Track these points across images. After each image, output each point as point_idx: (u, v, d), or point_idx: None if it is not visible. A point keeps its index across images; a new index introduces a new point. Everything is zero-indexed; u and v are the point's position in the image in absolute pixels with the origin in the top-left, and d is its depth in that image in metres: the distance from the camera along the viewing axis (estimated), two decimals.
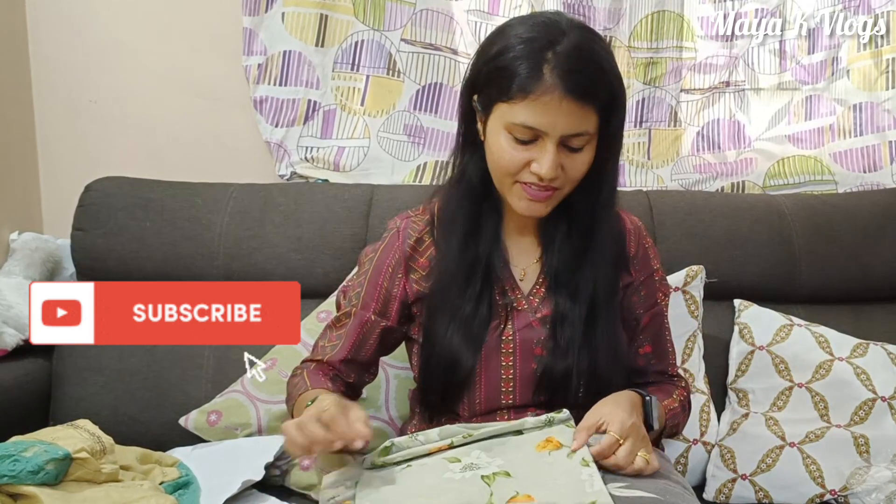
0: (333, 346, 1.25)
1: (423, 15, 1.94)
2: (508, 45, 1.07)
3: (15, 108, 1.88)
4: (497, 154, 1.10)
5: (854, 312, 1.76)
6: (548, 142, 1.06)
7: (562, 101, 1.03)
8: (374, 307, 1.23)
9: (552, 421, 1.06)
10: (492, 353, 1.16)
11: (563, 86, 1.02)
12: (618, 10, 1.96)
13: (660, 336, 1.28)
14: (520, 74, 1.04)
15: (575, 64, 1.03)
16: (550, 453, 1.01)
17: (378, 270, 1.24)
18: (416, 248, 1.24)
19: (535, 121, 1.04)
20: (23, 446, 1.15)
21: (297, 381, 1.22)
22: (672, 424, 1.24)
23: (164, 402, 1.62)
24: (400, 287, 1.23)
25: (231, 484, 1.34)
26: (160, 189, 1.74)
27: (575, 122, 1.05)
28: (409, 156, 1.97)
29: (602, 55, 1.07)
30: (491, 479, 0.95)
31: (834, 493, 1.48)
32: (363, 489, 0.99)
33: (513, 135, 1.07)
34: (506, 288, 1.19)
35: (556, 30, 1.05)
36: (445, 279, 1.18)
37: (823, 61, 1.97)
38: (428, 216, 1.26)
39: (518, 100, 1.04)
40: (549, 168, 1.06)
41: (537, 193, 1.10)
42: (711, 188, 1.99)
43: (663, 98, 2.00)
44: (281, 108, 1.93)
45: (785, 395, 1.58)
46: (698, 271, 1.66)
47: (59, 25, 1.90)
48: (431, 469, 0.99)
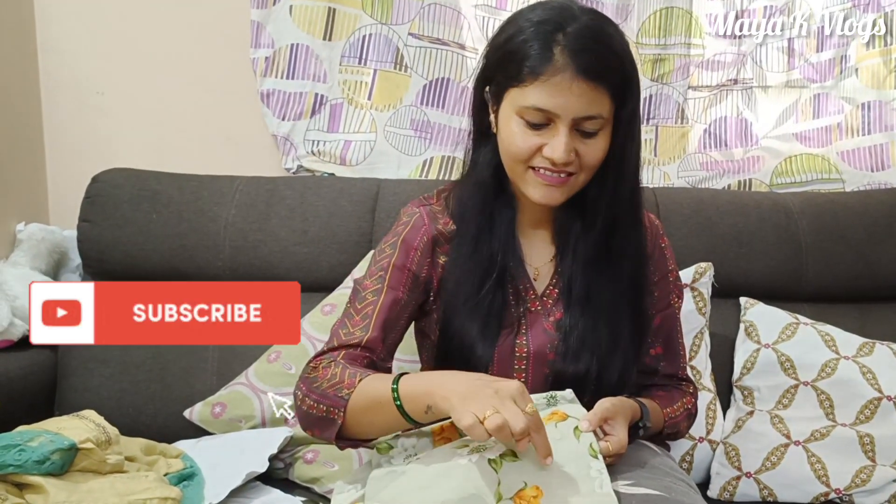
0: (364, 327, 1.12)
1: (431, 9, 1.94)
2: (518, 29, 1.06)
3: (22, 99, 1.88)
4: (509, 140, 1.08)
5: (860, 311, 1.75)
6: (560, 125, 1.04)
7: (573, 82, 1.01)
8: (403, 289, 1.16)
9: (554, 399, 1.04)
10: (505, 358, 1.14)
11: (575, 66, 1.01)
12: (626, 6, 1.95)
13: (671, 338, 1.26)
14: (530, 56, 1.03)
15: (586, 43, 1.02)
16: (557, 425, 0.99)
17: (405, 254, 1.17)
18: (443, 231, 1.18)
19: (547, 102, 1.03)
20: (29, 436, 1.16)
21: (339, 372, 1.06)
22: (671, 432, 1.24)
23: (169, 394, 1.62)
24: (428, 270, 1.17)
25: (235, 476, 1.34)
26: (166, 181, 1.74)
27: (587, 104, 1.03)
28: (416, 150, 1.97)
29: (614, 36, 1.06)
30: (498, 464, 0.94)
31: (839, 491, 1.48)
32: (371, 488, 0.99)
33: (525, 119, 1.05)
34: (520, 287, 1.17)
35: (567, 13, 1.05)
36: (460, 276, 1.15)
37: (832, 59, 1.97)
38: (443, 206, 1.21)
39: (529, 82, 1.03)
40: (562, 151, 1.04)
41: (552, 178, 1.07)
42: (718, 186, 1.98)
43: (670, 95, 2.00)
44: (288, 102, 1.93)
45: (790, 393, 1.58)
46: (707, 268, 1.65)
47: (67, 17, 1.90)
48: (438, 457, 0.98)
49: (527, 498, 0.92)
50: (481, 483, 0.91)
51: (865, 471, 1.47)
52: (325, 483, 1.45)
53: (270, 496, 1.38)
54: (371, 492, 0.97)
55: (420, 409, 0.96)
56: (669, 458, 1.21)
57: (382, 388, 0.99)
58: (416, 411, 0.97)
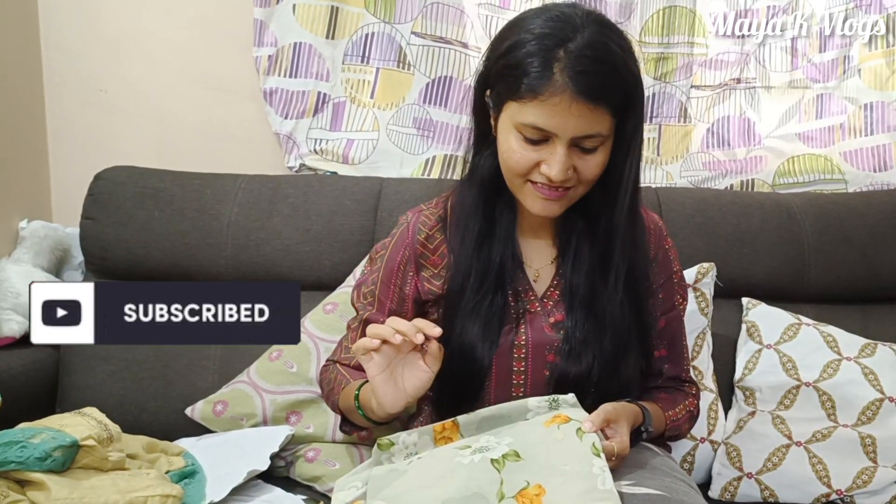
0: None
1: (434, 8, 1.94)
2: (520, 40, 1.03)
3: (26, 97, 1.88)
4: (507, 154, 1.07)
5: (862, 312, 1.75)
6: (558, 144, 1.03)
7: (572, 104, 1.00)
8: (390, 307, 1.21)
9: (556, 402, 1.04)
10: (504, 357, 1.14)
11: (574, 87, 0.99)
12: (629, 4, 1.95)
13: (675, 340, 1.26)
14: (529, 74, 1.01)
15: (586, 65, 0.99)
16: (559, 427, 0.99)
17: (390, 269, 1.22)
18: (426, 244, 1.21)
19: (545, 122, 1.02)
20: (30, 433, 1.16)
21: (334, 375, 1.23)
22: (673, 434, 1.24)
23: (171, 391, 1.63)
24: (412, 286, 1.21)
25: (236, 474, 1.35)
26: (169, 179, 1.74)
27: (586, 124, 1.02)
28: (418, 149, 1.97)
29: (616, 53, 1.03)
30: (501, 464, 0.94)
31: (840, 492, 1.48)
32: (373, 486, 0.99)
33: (523, 134, 1.05)
34: (519, 290, 1.17)
35: (570, 25, 1.02)
36: (460, 279, 1.16)
37: (835, 60, 1.96)
38: (441, 211, 1.23)
39: (528, 100, 1.02)
40: (559, 171, 1.03)
41: (550, 193, 1.07)
42: (721, 185, 1.98)
43: (673, 94, 2.00)
44: (291, 100, 1.93)
45: (792, 393, 1.58)
46: (709, 269, 1.65)
47: (70, 14, 1.91)
48: (441, 458, 0.99)
49: (529, 496, 0.92)
50: (483, 482, 0.92)
51: (867, 472, 1.47)
52: (326, 481, 1.46)
53: (271, 494, 1.38)
54: (373, 490, 0.98)
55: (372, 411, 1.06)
56: (670, 458, 1.21)
57: (352, 396, 1.13)
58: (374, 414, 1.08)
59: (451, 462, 0.96)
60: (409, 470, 0.99)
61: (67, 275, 1.86)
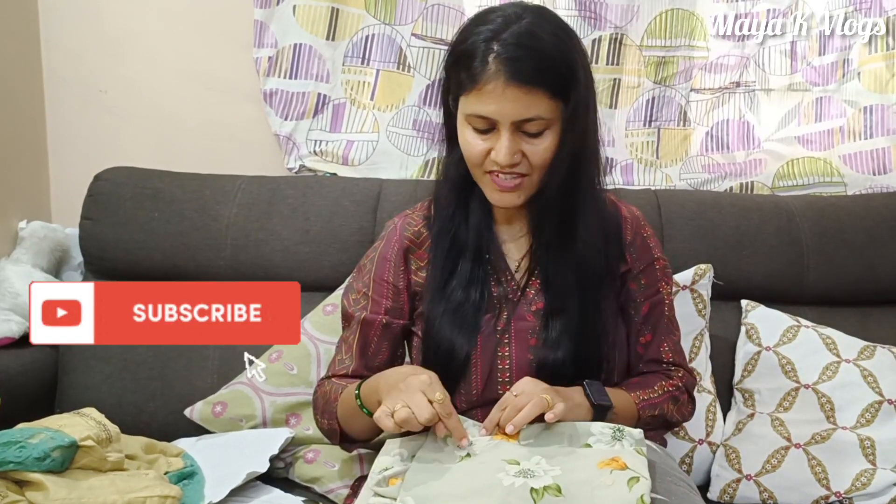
0: (351, 356, 1.25)
1: (435, 10, 1.94)
2: (464, 40, 1.11)
3: (26, 97, 1.88)
4: (464, 146, 1.14)
5: (862, 315, 1.75)
6: (502, 129, 1.09)
7: (506, 89, 1.06)
8: (385, 305, 1.24)
9: (621, 433, 1.03)
10: (488, 343, 1.17)
11: (506, 73, 1.05)
12: (631, 8, 1.95)
13: (659, 324, 1.27)
14: (470, 67, 1.08)
15: (515, 51, 1.06)
16: (612, 472, 0.97)
17: (381, 266, 1.25)
18: (414, 240, 1.26)
19: (485, 109, 1.08)
20: (29, 433, 1.16)
21: (329, 388, 1.23)
22: (651, 415, 1.21)
23: (170, 392, 1.62)
24: (405, 279, 1.24)
25: (236, 475, 1.35)
26: (169, 180, 1.74)
27: (523, 108, 1.07)
28: (418, 151, 1.97)
29: (545, 40, 1.08)
30: (539, 495, 0.92)
31: (839, 495, 1.47)
32: (412, 478, 0.98)
33: (472, 126, 1.11)
34: (501, 279, 1.21)
35: (511, 19, 1.08)
36: (436, 269, 1.21)
37: (834, 63, 1.96)
38: (426, 212, 1.28)
39: (469, 91, 1.08)
40: (504, 154, 1.08)
41: (505, 183, 1.12)
42: (720, 188, 1.98)
43: (673, 97, 2.00)
44: (291, 101, 1.93)
45: (791, 395, 1.58)
46: (706, 270, 1.65)
47: (70, 14, 1.91)
48: (486, 467, 0.97)
49: None
50: None
51: (866, 474, 1.47)
52: (325, 483, 1.45)
53: (270, 495, 1.38)
54: (409, 482, 0.97)
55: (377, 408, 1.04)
56: (670, 458, 1.22)
57: (352, 396, 1.14)
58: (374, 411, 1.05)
59: (493, 477, 0.95)
60: (453, 469, 0.98)
61: (67, 275, 1.86)
